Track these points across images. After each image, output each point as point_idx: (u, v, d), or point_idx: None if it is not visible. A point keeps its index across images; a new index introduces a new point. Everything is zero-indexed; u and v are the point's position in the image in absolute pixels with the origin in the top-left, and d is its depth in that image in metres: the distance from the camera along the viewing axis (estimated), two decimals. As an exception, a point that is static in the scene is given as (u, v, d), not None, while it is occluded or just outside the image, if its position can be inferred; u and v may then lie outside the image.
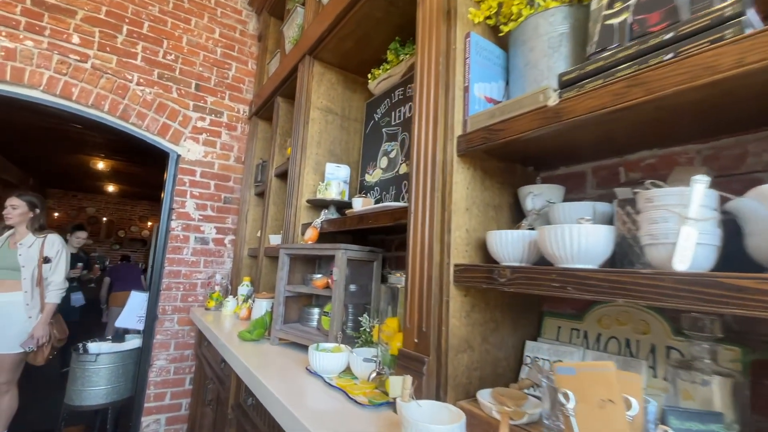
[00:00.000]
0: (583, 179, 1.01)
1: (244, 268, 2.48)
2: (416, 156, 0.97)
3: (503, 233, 0.81)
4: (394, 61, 1.59)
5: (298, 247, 1.47)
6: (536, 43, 0.88)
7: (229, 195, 2.71)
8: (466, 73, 0.95)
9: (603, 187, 0.96)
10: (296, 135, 1.82)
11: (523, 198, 0.98)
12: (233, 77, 2.81)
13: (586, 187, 1.00)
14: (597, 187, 0.98)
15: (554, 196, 0.95)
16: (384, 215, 1.14)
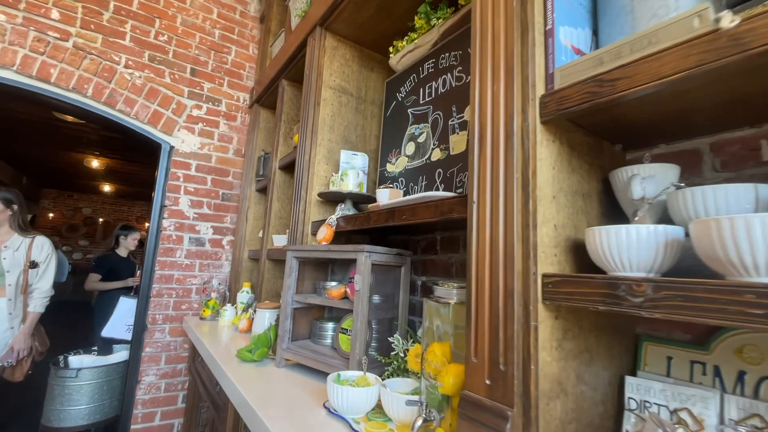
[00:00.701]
0: (697, 159, 0.75)
1: (244, 273, 2.23)
2: (478, 125, 0.72)
3: (622, 229, 0.55)
4: (424, 28, 1.33)
5: (310, 249, 1.21)
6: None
7: (227, 191, 2.46)
8: (548, 13, 0.69)
9: (732, 169, 0.71)
10: (305, 118, 1.56)
11: (621, 182, 0.72)
12: (232, 62, 2.56)
13: (702, 169, 0.75)
14: (722, 168, 0.72)
15: (668, 179, 0.69)
16: (425, 208, 0.88)
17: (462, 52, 1.20)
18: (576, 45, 0.72)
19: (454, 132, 1.18)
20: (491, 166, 0.68)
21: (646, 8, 0.64)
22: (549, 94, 0.64)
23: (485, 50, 0.73)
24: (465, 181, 1.10)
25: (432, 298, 0.82)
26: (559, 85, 0.65)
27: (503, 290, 0.62)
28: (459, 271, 1.27)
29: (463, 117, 1.16)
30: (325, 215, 1.49)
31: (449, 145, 1.19)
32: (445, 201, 0.83)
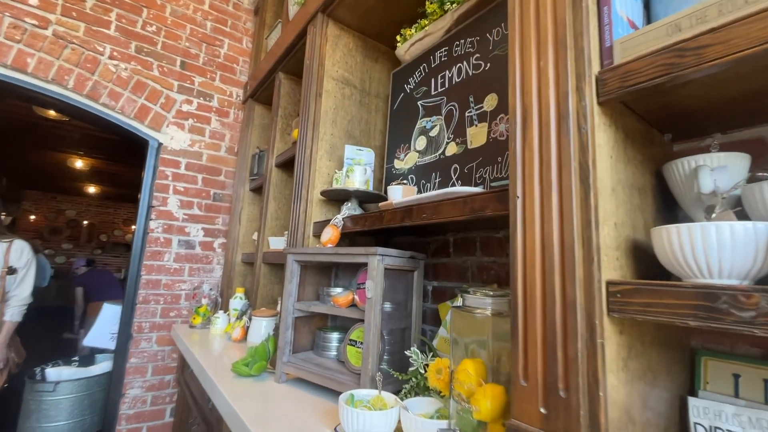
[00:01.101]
0: (763, 149, 0.67)
1: (237, 277, 2.10)
2: (521, 108, 0.62)
3: (711, 227, 0.46)
4: (437, 13, 1.24)
5: (314, 252, 1.10)
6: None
7: (219, 191, 2.33)
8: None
9: (806, 158, 0.62)
10: (306, 111, 1.45)
11: (682, 175, 0.63)
12: (225, 56, 2.43)
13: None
14: (795, 158, 0.63)
15: (739, 170, 0.60)
16: (450, 206, 0.78)
17: (480, 37, 1.11)
18: (630, 17, 0.63)
19: (472, 124, 1.09)
20: (539, 154, 0.58)
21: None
22: (609, 70, 0.55)
23: (527, 21, 0.63)
24: (486, 177, 1.01)
25: (462, 309, 0.72)
26: (621, 60, 0.55)
27: (561, 301, 0.52)
28: (475, 275, 1.17)
29: (483, 107, 1.06)
30: (328, 215, 1.38)
31: (466, 139, 1.09)
32: (476, 197, 0.72)
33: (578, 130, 0.54)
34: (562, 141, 0.55)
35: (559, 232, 0.54)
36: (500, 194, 0.68)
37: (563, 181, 0.54)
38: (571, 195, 0.53)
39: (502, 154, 0.98)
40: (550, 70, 0.58)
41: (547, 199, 0.56)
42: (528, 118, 0.60)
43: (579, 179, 0.53)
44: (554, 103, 0.57)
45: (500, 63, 1.03)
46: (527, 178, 0.59)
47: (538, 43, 0.61)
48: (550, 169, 0.56)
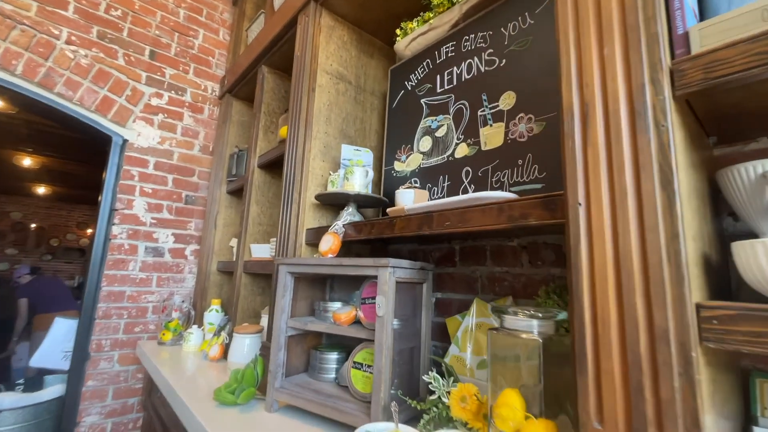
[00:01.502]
0: (816, 155, 0.62)
1: (212, 288, 1.92)
2: (579, 103, 0.54)
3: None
4: (444, 5, 1.16)
5: (314, 264, 0.98)
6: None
7: (192, 193, 2.14)
8: (669, -42, 0.53)
9: None
10: (296, 107, 1.33)
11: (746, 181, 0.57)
12: (200, 48, 2.25)
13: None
14: None
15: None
16: (482, 213, 0.69)
17: (493, 32, 1.04)
18: (693, 6, 0.57)
19: (486, 124, 1.01)
20: (607, 155, 0.50)
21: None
22: (688, 59, 0.48)
23: (583, 4, 0.55)
24: (504, 181, 0.93)
25: (503, 331, 0.62)
26: (702, 48, 0.48)
27: (647, 328, 0.44)
28: (485, 286, 1.09)
29: (498, 106, 0.98)
30: (322, 221, 1.26)
31: (479, 140, 1.02)
32: (514, 203, 0.64)
33: (657, 128, 0.47)
34: (639, 140, 0.47)
35: (639, 246, 0.46)
36: (546, 201, 0.60)
37: (643, 186, 0.46)
38: (654, 202, 0.45)
39: (524, 156, 0.90)
40: (618, 58, 0.50)
41: (622, 207, 0.47)
42: (590, 114, 0.52)
43: (660, 184, 0.45)
44: (625, 96, 0.49)
45: (518, 59, 0.96)
46: (592, 182, 0.51)
47: (599, 28, 0.53)
48: (623, 173, 0.48)
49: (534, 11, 0.94)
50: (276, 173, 1.74)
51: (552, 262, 0.96)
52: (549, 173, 0.85)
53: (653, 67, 0.48)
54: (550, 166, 0.85)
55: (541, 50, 0.91)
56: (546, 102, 0.88)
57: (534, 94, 0.91)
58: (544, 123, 0.87)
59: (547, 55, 0.89)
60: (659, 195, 0.45)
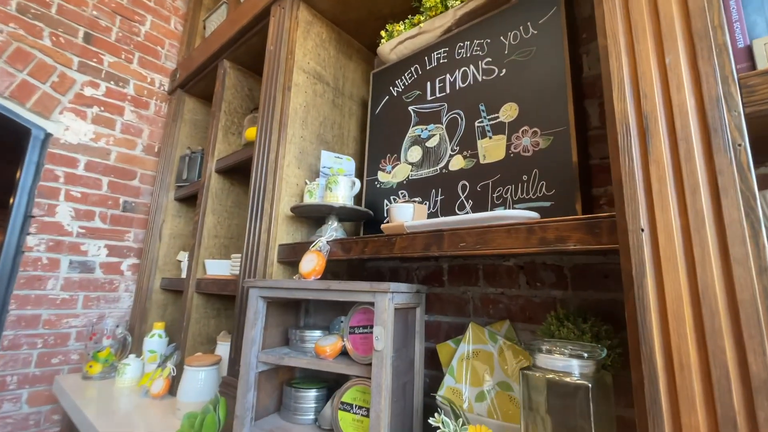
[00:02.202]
0: (827, 181, 0.63)
1: (154, 309, 1.66)
2: (635, 114, 0.48)
3: None
4: (437, 9, 1.09)
5: (296, 288, 0.83)
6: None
7: (132, 199, 1.86)
8: (721, -33, 0.50)
9: None
10: (269, 107, 1.18)
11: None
12: (147, 35, 2.00)
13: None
14: None
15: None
16: (507, 234, 0.61)
17: (491, 40, 0.99)
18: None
19: (485, 136, 0.95)
20: (675, 176, 0.44)
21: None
22: (757, 74, 0.43)
23: (637, 7, 0.50)
24: (508, 197, 0.87)
25: (539, 370, 0.54)
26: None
27: (741, 378, 0.37)
28: (478, 309, 1.02)
29: (498, 117, 0.93)
30: (297, 236, 1.12)
31: (477, 152, 0.95)
32: (549, 224, 0.56)
33: (734, 148, 0.42)
34: (717, 160, 0.42)
35: (724, 281, 0.40)
36: (589, 223, 0.53)
37: (725, 212, 0.40)
38: (742, 232, 0.39)
39: (529, 172, 0.85)
40: (684, 69, 0.45)
41: (699, 235, 0.41)
42: (651, 128, 0.46)
43: (744, 211, 0.40)
44: (695, 111, 0.44)
45: (520, 70, 0.91)
46: (657, 205, 0.45)
47: (657, 34, 0.48)
48: (698, 196, 0.42)
49: (537, 21, 0.90)
50: (237, 179, 1.55)
51: (552, 284, 0.91)
52: (558, 191, 0.80)
53: (725, 80, 0.43)
54: (560, 183, 0.80)
55: (545, 62, 0.87)
56: (553, 116, 0.83)
57: (539, 107, 0.86)
58: (552, 138, 0.83)
59: (553, 68, 0.85)
60: (746, 223, 0.40)
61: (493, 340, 0.92)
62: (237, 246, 1.53)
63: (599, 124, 0.90)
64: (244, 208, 1.57)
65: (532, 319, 0.93)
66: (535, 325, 0.92)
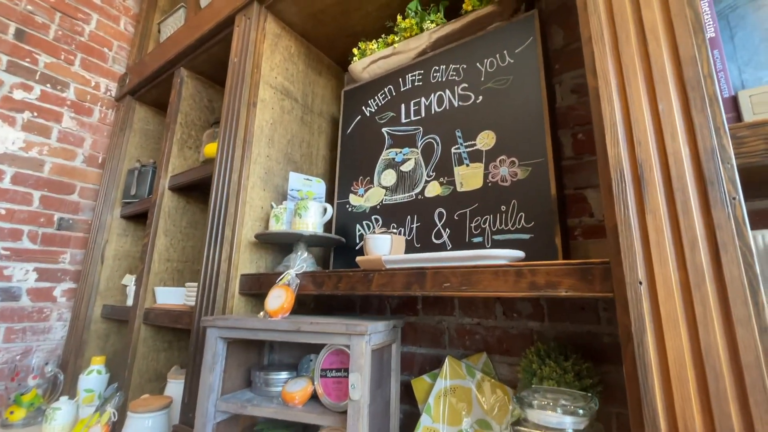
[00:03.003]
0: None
1: (94, 341, 1.48)
2: (629, 161, 0.47)
3: None
4: (413, 30, 1.07)
5: (261, 329, 0.75)
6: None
7: (69, 216, 1.66)
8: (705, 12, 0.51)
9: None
10: (232, 123, 1.09)
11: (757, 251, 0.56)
12: (92, 35, 1.82)
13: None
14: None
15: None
16: (495, 276, 0.57)
17: (467, 65, 0.97)
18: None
19: (462, 163, 0.92)
20: (672, 228, 0.43)
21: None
22: (745, 126, 0.43)
23: (628, 51, 0.49)
24: (486, 228, 0.84)
25: (527, 425, 0.51)
26: (758, 117, 0.45)
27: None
28: (454, 340, 0.99)
29: (476, 145, 0.91)
30: (261, 264, 1.03)
31: (455, 180, 0.93)
32: (539, 267, 0.54)
33: (731, 202, 0.41)
34: (714, 214, 0.41)
35: (727, 342, 0.38)
36: (582, 269, 0.51)
37: (725, 269, 0.39)
38: (743, 291, 0.38)
39: (507, 202, 0.83)
40: (678, 117, 0.44)
41: (700, 293, 0.40)
42: (647, 176, 0.45)
43: (743, 268, 0.39)
44: (690, 161, 0.43)
45: (496, 97, 0.90)
46: (655, 258, 0.43)
47: (649, 79, 0.47)
48: (696, 251, 0.41)
49: (514, 50, 0.90)
50: (194, 197, 1.43)
51: (529, 315, 0.90)
52: (537, 223, 0.78)
53: (717, 131, 0.43)
54: (538, 215, 0.78)
55: (522, 91, 0.86)
56: (531, 147, 0.83)
57: (517, 136, 0.85)
58: (530, 168, 0.82)
59: (530, 98, 0.85)
60: (746, 281, 0.39)
61: (471, 375, 0.88)
62: (192, 270, 1.41)
63: (573, 155, 0.91)
64: (201, 228, 1.45)
65: (510, 351, 0.90)
66: (512, 357, 0.90)
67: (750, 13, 0.55)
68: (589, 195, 0.87)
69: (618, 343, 0.77)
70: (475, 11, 0.98)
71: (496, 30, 0.94)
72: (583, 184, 0.88)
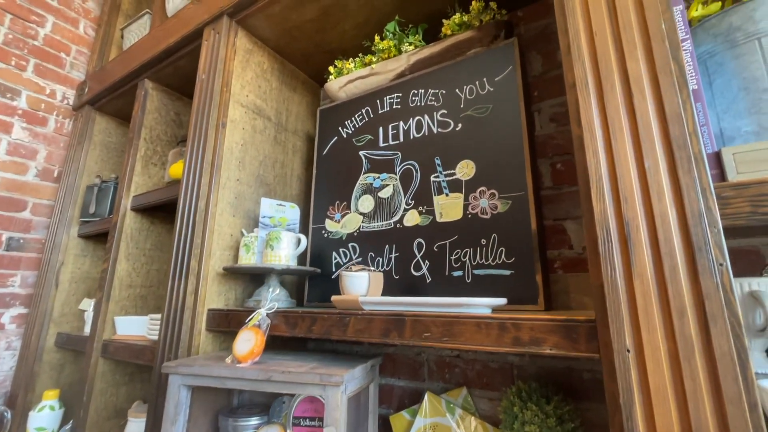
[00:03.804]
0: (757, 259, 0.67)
1: (47, 372, 1.37)
2: (615, 219, 0.45)
3: None
4: (391, 52, 1.04)
5: (228, 377, 0.70)
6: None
7: (20, 234, 1.53)
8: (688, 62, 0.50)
9: (805, 277, 0.63)
10: (199, 146, 1.03)
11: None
12: (47, 39, 1.70)
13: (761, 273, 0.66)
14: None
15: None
16: (477, 329, 0.55)
17: (446, 91, 0.95)
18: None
19: (441, 192, 0.90)
20: (659, 294, 0.41)
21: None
22: (730, 186, 0.43)
23: (613, 104, 0.48)
24: (467, 261, 0.82)
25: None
26: (742, 177, 0.44)
27: None
28: (434, 373, 0.96)
29: (455, 174, 0.89)
30: (230, 296, 0.97)
31: (434, 209, 0.90)
32: (523, 322, 0.51)
33: (718, 269, 0.40)
34: (703, 283, 0.39)
35: (717, 419, 0.37)
36: (566, 326, 0.49)
37: (714, 342, 0.38)
38: (734, 367, 0.37)
39: (487, 236, 0.81)
40: (664, 176, 0.43)
41: (689, 366, 0.38)
42: (634, 236, 0.43)
43: (733, 341, 0.38)
44: (677, 224, 0.42)
45: (476, 126, 0.89)
46: (643, 324, 0.41)
47: (635, 134, 0.46)
48: (685, 321, 0.39)
49: (493, 78, 0.88)
50: (159, 218, 1.35)
51: (509, 347, 0.88)
52: (518, 259, 0.77)
53: (704, 192, 0.42)
54: (519, 250, 0.77)
55: (503, 121, 0.85)
56: (511, 179, 0.81)
57: (496, 168, 0.83)
58: (510, 202, 0.80)
59: (509, 128, 0.83)
60: (735, 355, 0.37)
61: (451, 412, 0.86)
62: (157, 296, 1.32)
63: (552, 185, 0.90)
64: (167, 250, 1.36)
65: (489, 385, 0.88)
66: (492, 392, 0.88)
67: (728, 60, 0.55)
68: (568, 227, 0.86)
69: (598, 379, 0.77)
70: (455, 35, 0.95)
71: (476, 56, 0.92)
72: (563, 215, 0.87)
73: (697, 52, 0.59)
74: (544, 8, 1.00)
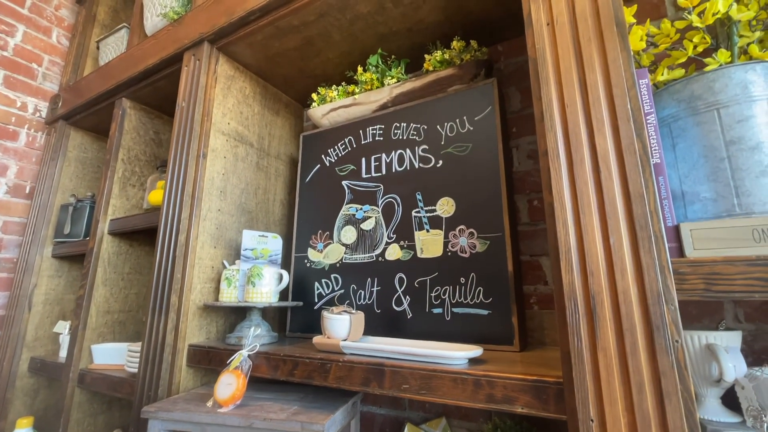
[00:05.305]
0: (718, 308, 0.71)
1: (19, 399, 1.33)
2: (582, 291, 0.47)
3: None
4: (373, 84, 1.05)
5: (210, 423, 0.70)
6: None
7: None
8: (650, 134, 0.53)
9: (755, 321, 0.68)
10: (179, 177, 1.01)
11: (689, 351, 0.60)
12: (17, 50, 1.63)
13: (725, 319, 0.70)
14: (746, 320, 0.68)
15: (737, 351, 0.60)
16: (454, 384, 0.57)
17: (427, 127, 0.97)
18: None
19: (422, 228, 0.92)
20: (621, 369, 0.44)
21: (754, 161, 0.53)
22: (687, 263, 0.45)
23: (582, 180, 0.50)
24: (446, 299, 0.84)
25: None
26: (697, 254, 0.47)
27: None
28: (414, 402, 0.98)
29: (435, 211, 0.91)
30: (211, 330, 0.97)
31: (415, 245, 0.92)
32: (496, 380, 0.53)
33: (674, 346, 0.42)
34: (659, 360, 0.42)
35: (671, 495, 0.39)
36: (536, 387, 0.51)
37: (669, 417, 0.41)
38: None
39: (466, 275, 0.83)
40: (627, 254, 0.46)
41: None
42: (599, 311, 0.46)
43: (685, 417, 0.41)
44: (638, 301, 0.44)
45: (456, 164, 0.90)
46: (606, 396, 0.44)
47: (601, 211, 0.48)
48: (643, 396, 0.42)
49: (473, 117, 0.90)
50: (138, 241, 1.32)
51: (487, 379, 0.91)
52: (495, 299, 0.79)
53: (662, 270, 0.44)
54: (496, 291, 0.79)
55: (482, 161, 0.87)
56: (488, 220, 0.83)
57: (475, 207, 0.85)
58: (488, 242, 0.82)
59: (488, 169, 0.85)
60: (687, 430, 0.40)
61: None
62: (136, 321, 1.30)
63: (528, 221, 0.93)
64: (146, 273, 1.34)
65: (468, 416, 0.91)
66: (470, 422, 0.91)
67: (690, 126, 0.58)
68: (544, 263, 0.89)
69: (570, 413, 0.80)
70: (436, 71, 0.97)
71: (456, 93, 0.94)
72: (539, 251, 0.90)
73: (662, 115, 0.62)
74: (524, 44, 1.02)
